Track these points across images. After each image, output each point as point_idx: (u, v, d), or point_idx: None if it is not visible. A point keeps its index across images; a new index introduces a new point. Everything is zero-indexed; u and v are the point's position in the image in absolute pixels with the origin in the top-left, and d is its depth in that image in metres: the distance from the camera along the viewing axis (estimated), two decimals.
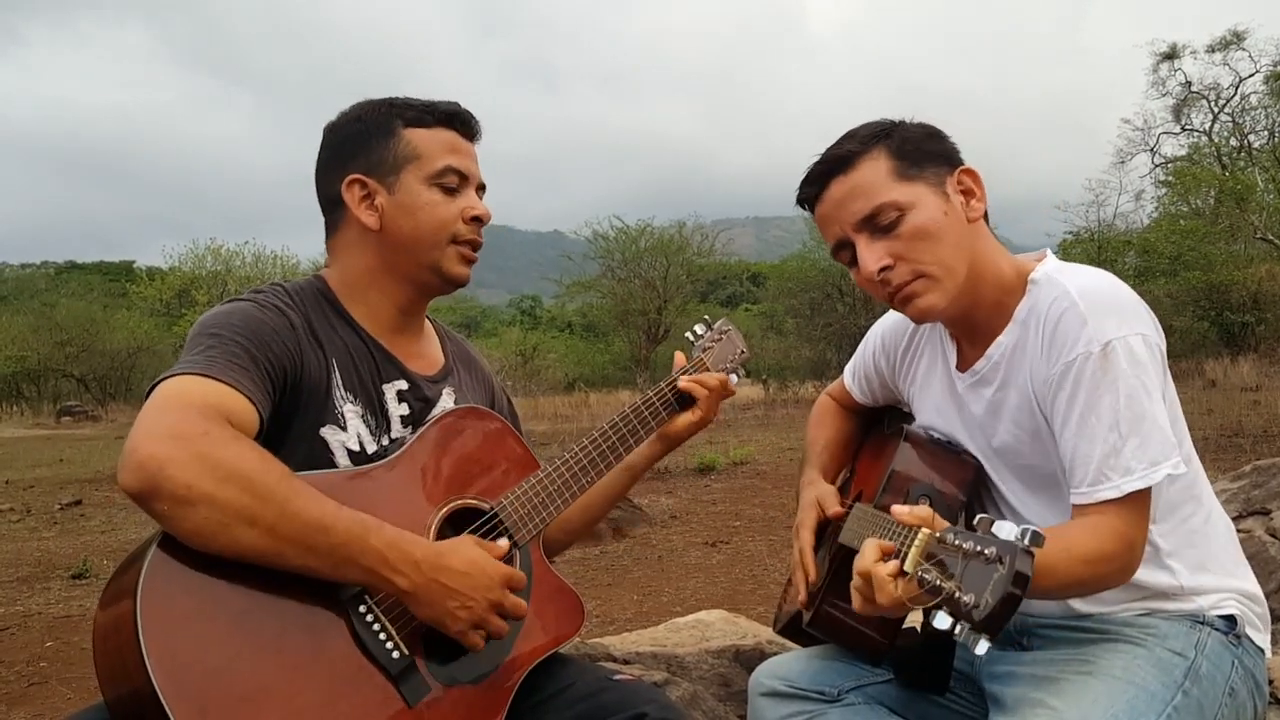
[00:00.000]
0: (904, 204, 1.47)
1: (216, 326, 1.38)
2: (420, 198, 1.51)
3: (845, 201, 1.50)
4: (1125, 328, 1.40)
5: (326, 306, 1.53)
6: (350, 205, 1.53)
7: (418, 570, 1.29)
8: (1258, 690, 1.53)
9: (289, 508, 1.21)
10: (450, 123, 1.56)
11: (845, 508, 1.71)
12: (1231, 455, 8.17)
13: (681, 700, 2.07)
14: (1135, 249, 21.64)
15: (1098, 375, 1.39)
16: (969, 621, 1.03)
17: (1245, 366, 16.43)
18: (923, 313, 1.52)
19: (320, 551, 1.23)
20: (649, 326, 26.07)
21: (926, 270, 1.48)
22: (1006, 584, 1.01)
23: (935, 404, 1.70)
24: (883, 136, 1.51)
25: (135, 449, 1.18)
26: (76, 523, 8.61)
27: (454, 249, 1.54)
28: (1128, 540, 1.36)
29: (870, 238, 1.49)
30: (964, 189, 1.52)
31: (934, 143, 1.53)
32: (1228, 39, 24.53)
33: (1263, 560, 3.02)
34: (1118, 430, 1.37)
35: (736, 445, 11.39)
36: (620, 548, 6.78)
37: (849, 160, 1.50)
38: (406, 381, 1.56)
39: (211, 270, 29.20)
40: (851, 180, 1.49)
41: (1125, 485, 1.36)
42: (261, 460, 1.24)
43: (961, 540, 1.07)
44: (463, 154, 1.56)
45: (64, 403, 26.41)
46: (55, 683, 4.30)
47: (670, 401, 1.73)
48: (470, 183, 1.56)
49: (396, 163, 1.52)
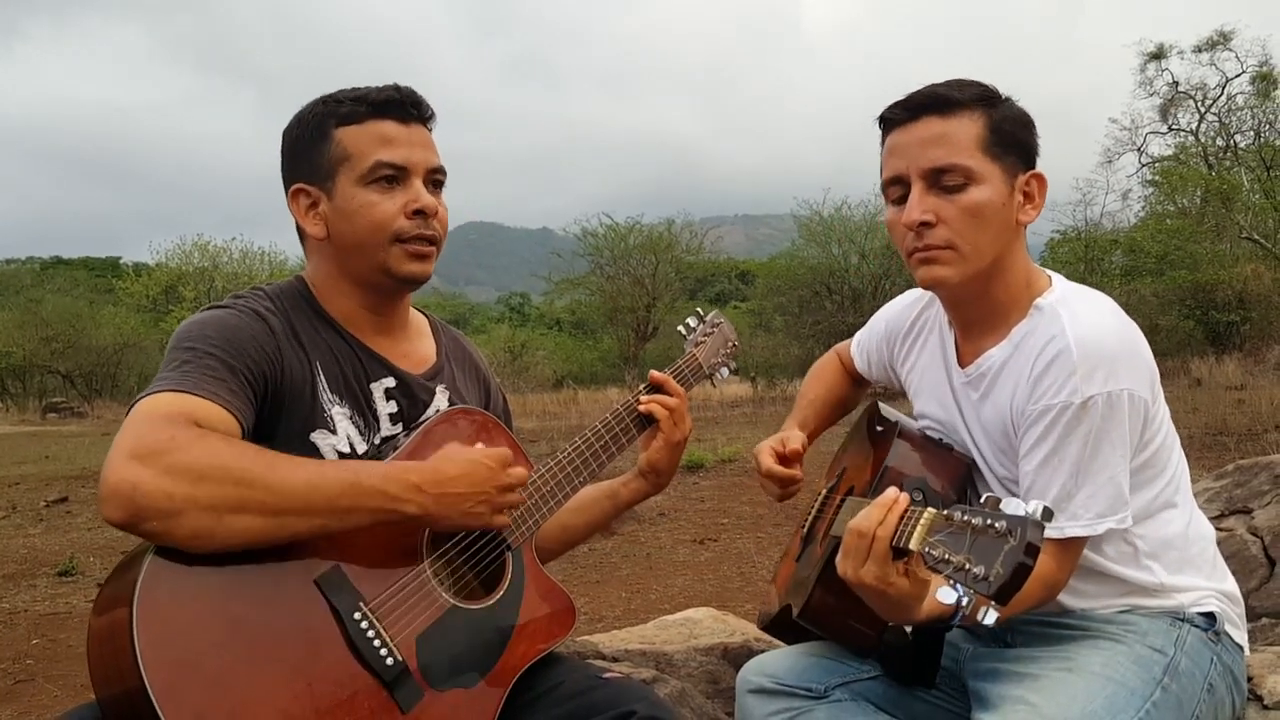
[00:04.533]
0: (975, 175, 1.47)
1: (191, 339, 1.37)
2: (355, 200, 1.46)
3: (928, 144, 1.48)
4: (1111, 383, 1.42)
5: (307, 308, 1.52)
6: (296, 216, 1.51)
7: (420, 492, 1.31)
8: (1236, 686, 1.56)
9: (272, 481, 1.22)
10: (384, 111, 1.47)
11: (835, 501, 1.73)
12: (1216, 454, 8.22)
13: (670, 698, 2.09)
14: (1122, 248, 21.73)
15: (1071, 424, 1.42)
16: (980, 593, 1.06)
17: (1230, 365, 16.52)
18: (935, 281, 1.53)
19: (320, 509, 1.24)
20: (638, 324, 26.03)
21: (959, 245, 1.48)
22: (1019, 554, 1.04)
23: (933, 392, 1.72)
24: (989, 102, 1.49)
25: (106, 479, 1.18)
26: (62, 520, 8.56)
27: (399, 248, 1.47)
28: (1049, 582, 1.42)
29: (927, 189, 1.48)
30: (1027, 191, 1.53)
31: (1026, 133, 1.53)
32: (1214, 39, 24.69)
33: (1244, 559, 3.05)
34: (1075, 478, 1.42)
35: (725, 443, 11.39)
36: (608, 545, 6.78)
37: (950, 106, 1.48)
38: (394, 378, 1.55)
39: (198, 266, 29.05)
40: (943, 126, 1.48)
41: (1068, 529, 1.42)
42: (230, 446, 1.24)
43: (970, 516, 1.10)
44: (398, 144, 1.47)
45: (49, 399, 26.22)
46: (42, 680, 4.28)
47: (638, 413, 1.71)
48: (412, 173, 1.48)
49: (331, 167, 1.47)
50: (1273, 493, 3.38)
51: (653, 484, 1.74)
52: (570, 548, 1.80)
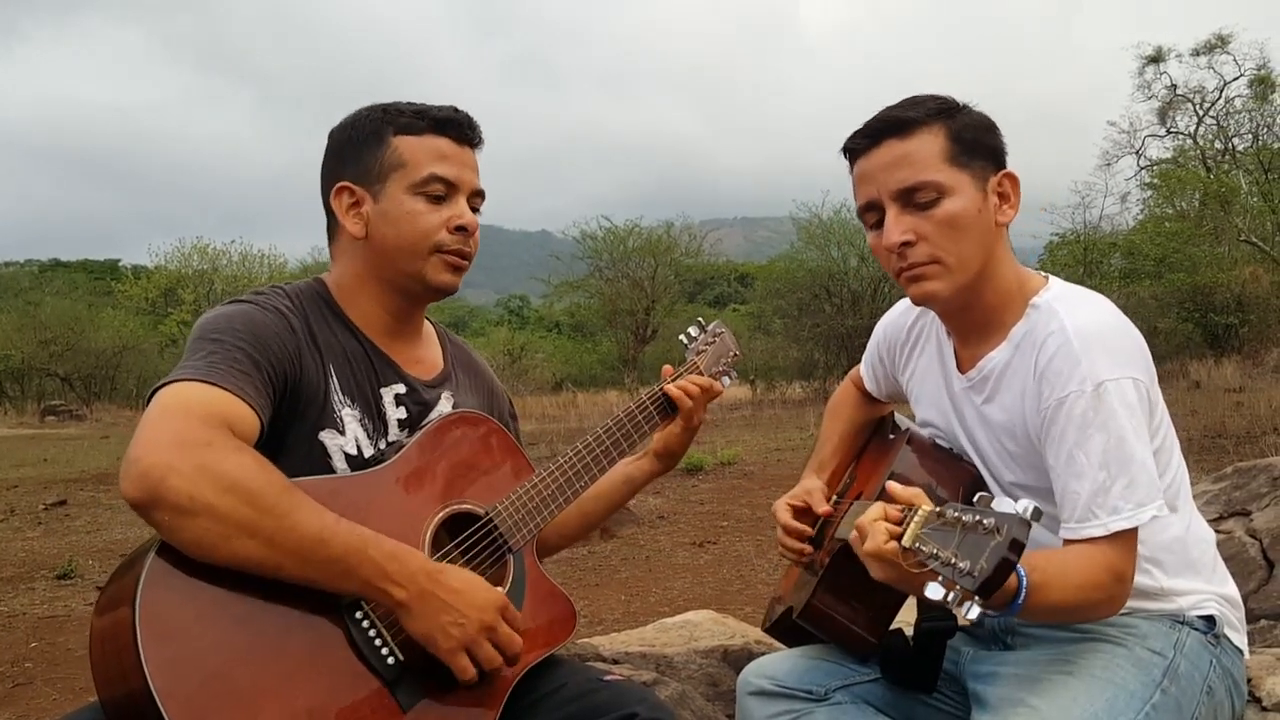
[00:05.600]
0: (946, 188, 1.47)
1: (218, 330, 1.38)
2: (403, 207, 1.50)
3: (891, 167, 1.49)
4: (1118, 371, 1.42)
5: (325, 310, 1.53)
6: (337, 213, 1.53)
7: (414, 581, 1.29)
8: (1236, 689, 1.56)
9: (289, 521, 1.22)
10: (443, 129, 1.53)
11: (843, 506, 1.74)
12: (1215, 456, 8.23)
13: (670, 700, 2.09)
14: (1121, 251, 21.75)
15: (1089, 414, 1.41)
16: (965, 588, 1.08)
17: (1229, 368, 16.54)
18: (926, 296, 1.53)
19: (318, 564, 1.24)
20: (637, 326, 26.04)
21: (943, 258, 1.49)
22: (1003, 550, 1.06)
23: (933, 400, 1.72)
24: (946, 114, 1.50)
25: (138, 459, 1.18)
26: (61, 523, 8.55)
27: (437, 258, 1.52)
28: (1117, 572, 1.39)
29: (902, 210, 1.49)
30: (1001, 192, 1.53)
31: (990, 137, 1.53)
32: (1212, 42, 24.71)
33: (1243, 561, 3.06)
34: (1107, 470, 1.39)
35: (724, 446, 11.40)
36: (608, 548, 6.79)
37: (908, 126, 1.49)
38: (404, 385, 1.56)
39: (198, 269, 29.05)
40: (905, 147, 1.48)
41: (1112, 524, 1.39)
42: (263, 471, 1.24)
43: (961, 514, 1.13)
44: (452, 161, 1.53)
45: (48, 402, 26.18)
46: (40, 683, 4.28)
47: (662, 403, 1.73)
48: (460, 191, 1.54)
49: (383, 171, 1.51)
50: (1271, 495, 3.39)
51: (665, 465, 1.78)
52: (588, 532, 1.85)
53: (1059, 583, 1.32)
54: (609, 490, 1.78)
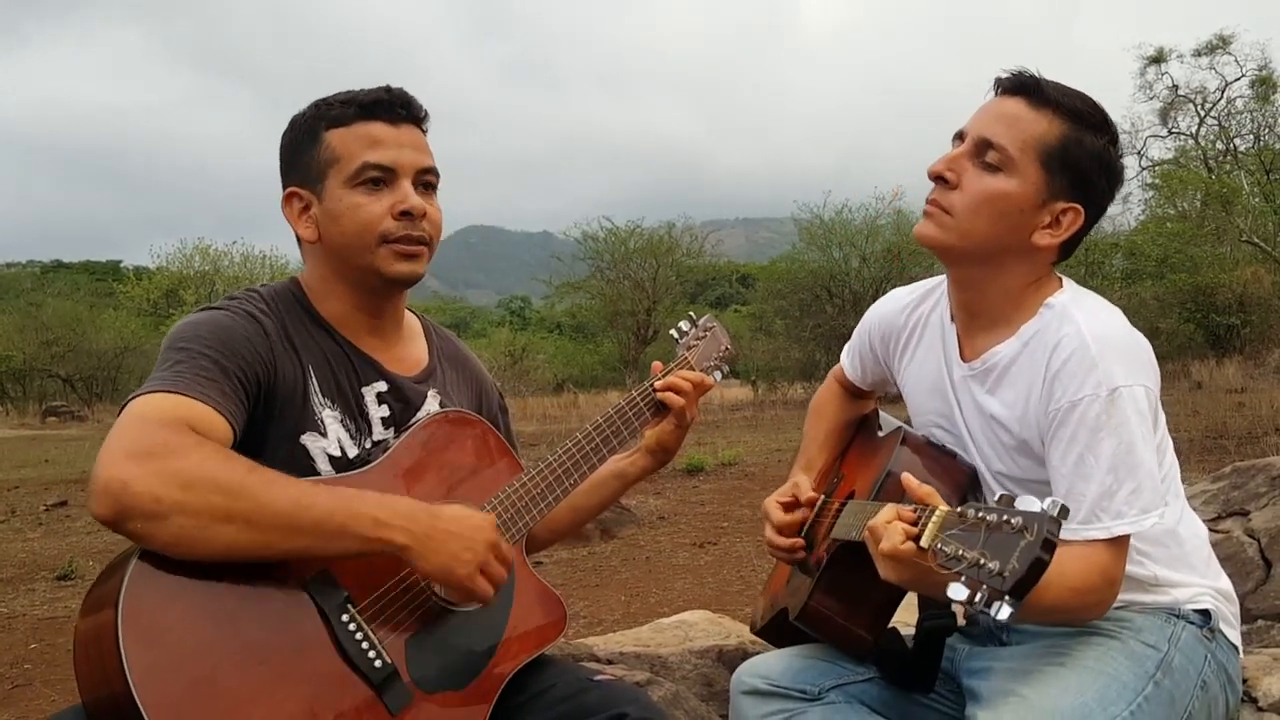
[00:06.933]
0: (1012, 167, 1.48)
1: (184, 340, 1.37)
2: (343, 202, 1.46)
3: (999, 118, 1.51)
4: (1132, 378, 1.43)
5: (301, 311, 1.52)
6: (290, 220, 1.52)
7: (413, 521, 1.29)
8: (1230, 685, 1.56)
9: (263, 497, 1.21)
10: (372, 113, 1.47)
11: (834, 505, 1.73)
12: (1216, 456, 8.21)
13: (664, 700, 2.08)
14: (1122, 251, 21.76)
15: (1102, 419, 1.42)
16: (994, 588, 1.05)
17: (1230, 368, 16.53)
18: (918, 235, 1.57)
19: (307, 530, 1.22)
20: (638, 327, 26.05)
21: (955, 213, 1.51)
22: (1036, 549, 1.05)
23: (933, 385, 1.71)
24: (1075, 119, 1.50)
25: (97, 476, 1.18)
26: (62, 524, 8.55)
27: (386, 249, 1.46)
28: (1110, 576, 1.41)
29: (969, 154, 1.52)
30: (1055, 218, 1.51)
31: (1093, 170, 1.51)
32: (1214, 43, 24.73)
33: (1240, 561, 3.05)
34: (1114, 474, 1.41)
35: (725, 446, 11.39)
36: (608, 549, 6.78)
37: (1042, 101, 1.50)
38: (386, 383, 1.55)
39: (199, 270, 29.04)
40: (1020, 112, 1.50)
41: (1115, 528, 1.40)
42: (226, 458, 1.23)
43: (985, 514, 1.11)
44: (386, 145, 1.46)
45: (49, 403, 26.21)
46: (39, 684, 4.27)
47: (653, 400, 1.72)
48: (400, 174, 1.47)
49: (321, 169, 1.47)
50: (1270, 495, 3.38)
51: (658, 461, 1.77)
52: (580, 527, 1.84)
53: (1057, 583, 1.32)
54: (600, 486, 1.77)
